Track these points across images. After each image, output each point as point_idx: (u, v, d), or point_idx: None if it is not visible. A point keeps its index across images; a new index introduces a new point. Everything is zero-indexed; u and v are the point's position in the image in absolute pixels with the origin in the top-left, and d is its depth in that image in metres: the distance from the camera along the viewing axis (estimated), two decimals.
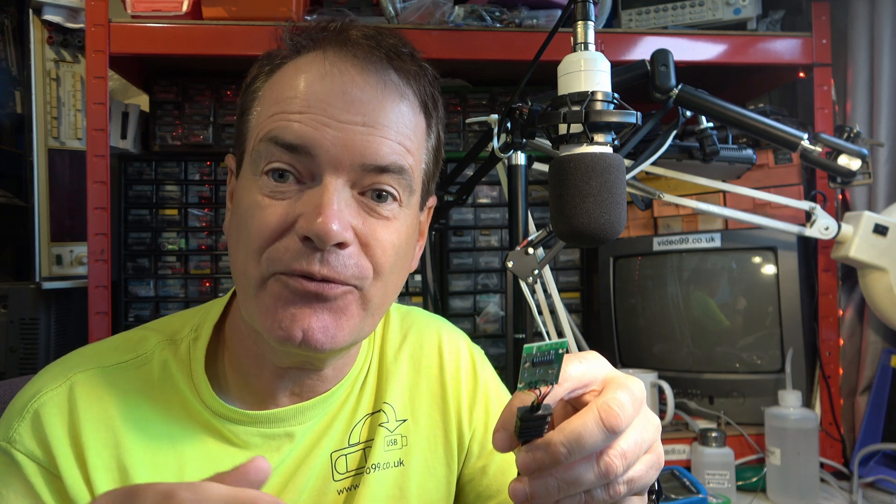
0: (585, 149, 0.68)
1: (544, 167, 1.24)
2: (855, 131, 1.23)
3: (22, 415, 0.58)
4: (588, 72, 0.69)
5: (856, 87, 1.47)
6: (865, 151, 1.17)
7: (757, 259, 1.44)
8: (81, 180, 1.33)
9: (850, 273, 1.46)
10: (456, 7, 1.40)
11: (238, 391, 0.65)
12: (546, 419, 0.44)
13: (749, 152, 1.30)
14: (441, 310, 1.55)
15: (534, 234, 1.06)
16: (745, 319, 1.44)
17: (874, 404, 1.40)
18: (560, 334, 1.20)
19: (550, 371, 0.43)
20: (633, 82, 1.07)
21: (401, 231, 0.61)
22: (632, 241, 1.59)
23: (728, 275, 1.47)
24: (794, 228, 1.29)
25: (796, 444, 1.26)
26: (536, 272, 1.05)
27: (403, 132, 0.60)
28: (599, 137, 0.68)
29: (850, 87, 1.48)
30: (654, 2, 1.47)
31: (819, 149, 1.14)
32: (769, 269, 1.42)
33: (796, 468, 1.26)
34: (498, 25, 1.40)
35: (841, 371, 1.46)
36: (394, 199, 0.60)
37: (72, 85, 1.55)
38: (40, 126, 1.51)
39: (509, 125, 0.93)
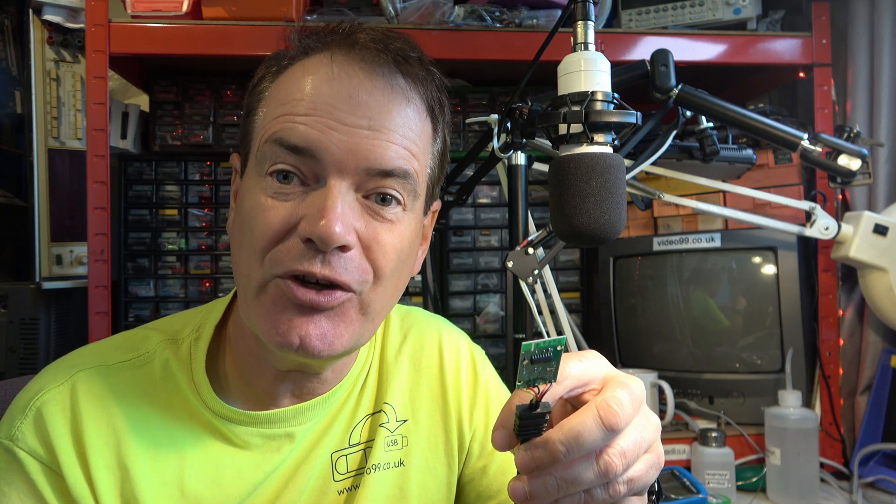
0: (585, 149, 0.68)
1: (544, 167, 1.24)
2: (855, 131, 1.23)
3: (24, 413, 0.58)
4: (588, 72, 0.69)
5: (856, 87, 1.47)
6: (865, 151, 1.17)
7: (757, 259, 1.44)
8: (81, 180, 1.33)
9: (850, 273, 1.46)
10: (456, 7, 1.40)
11: (239, 391, 0.65)
12: (545, 417, 0.44)
13: (749, 152, 1.30)
14: (441, 310, 1.55)
15: (534, 234, 1.06)
16: (745, 319, 1.44)
17: (874, 404, 1.40)
18: (560, 334, 1.20)
19: (549, 368, 0.43)
20: (633, 82, 1.07)
21: (404, 234, 0.61)
22: (632, 241, 1.59)
23: (728, 275, 1.47)
24: (794, 228, 1.29)
25: (796, 444, 1.26)
26: (536, 272, 1.05)
27: (409, 136, 0.60)
28: (599, 137, 0.68)
29: (850, 87, 1.48)
30: (654, 2, 1.47)
31: (819, 149, 1.14)
32: (769, 269, 1.42)
33: (796, 468, 1.26)
34: (498, 25, 1.40)
35: (841, 371, 1.46)
36: (398, 203, 0.60)
37: (72, 85, 1.55)
38: (40, 126, 1.51)
39: (509, 125, 0.93)
